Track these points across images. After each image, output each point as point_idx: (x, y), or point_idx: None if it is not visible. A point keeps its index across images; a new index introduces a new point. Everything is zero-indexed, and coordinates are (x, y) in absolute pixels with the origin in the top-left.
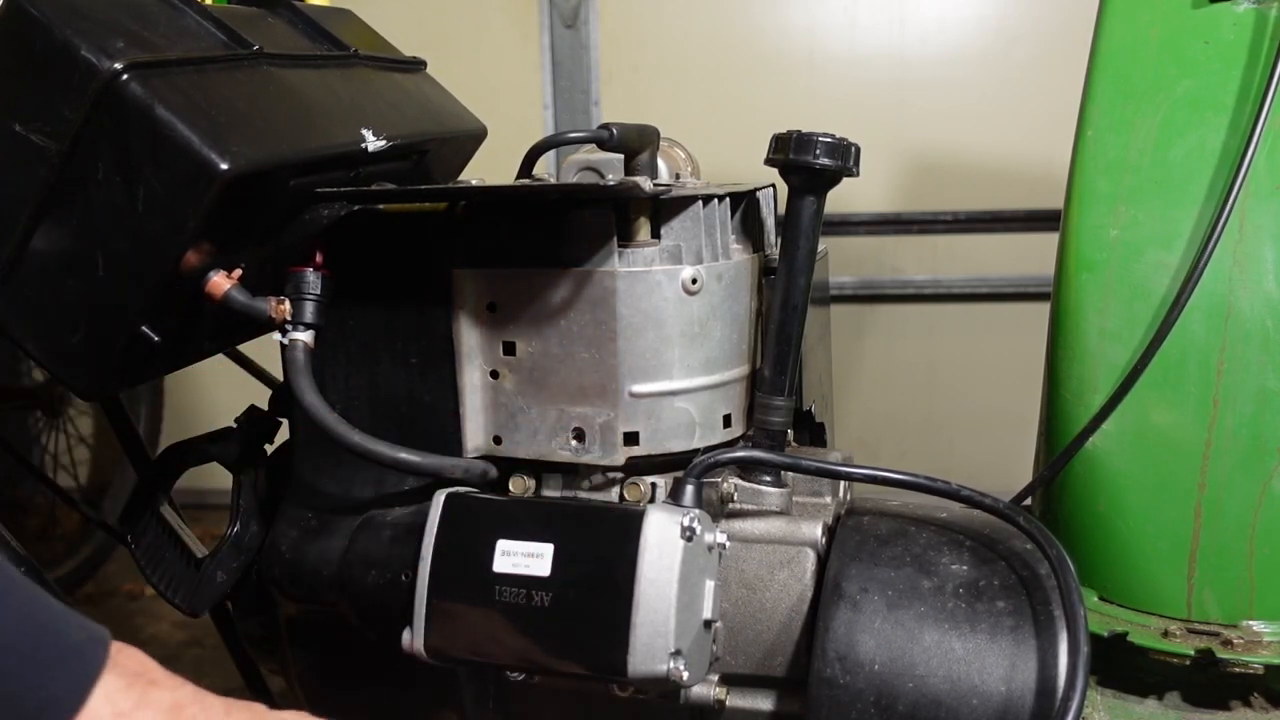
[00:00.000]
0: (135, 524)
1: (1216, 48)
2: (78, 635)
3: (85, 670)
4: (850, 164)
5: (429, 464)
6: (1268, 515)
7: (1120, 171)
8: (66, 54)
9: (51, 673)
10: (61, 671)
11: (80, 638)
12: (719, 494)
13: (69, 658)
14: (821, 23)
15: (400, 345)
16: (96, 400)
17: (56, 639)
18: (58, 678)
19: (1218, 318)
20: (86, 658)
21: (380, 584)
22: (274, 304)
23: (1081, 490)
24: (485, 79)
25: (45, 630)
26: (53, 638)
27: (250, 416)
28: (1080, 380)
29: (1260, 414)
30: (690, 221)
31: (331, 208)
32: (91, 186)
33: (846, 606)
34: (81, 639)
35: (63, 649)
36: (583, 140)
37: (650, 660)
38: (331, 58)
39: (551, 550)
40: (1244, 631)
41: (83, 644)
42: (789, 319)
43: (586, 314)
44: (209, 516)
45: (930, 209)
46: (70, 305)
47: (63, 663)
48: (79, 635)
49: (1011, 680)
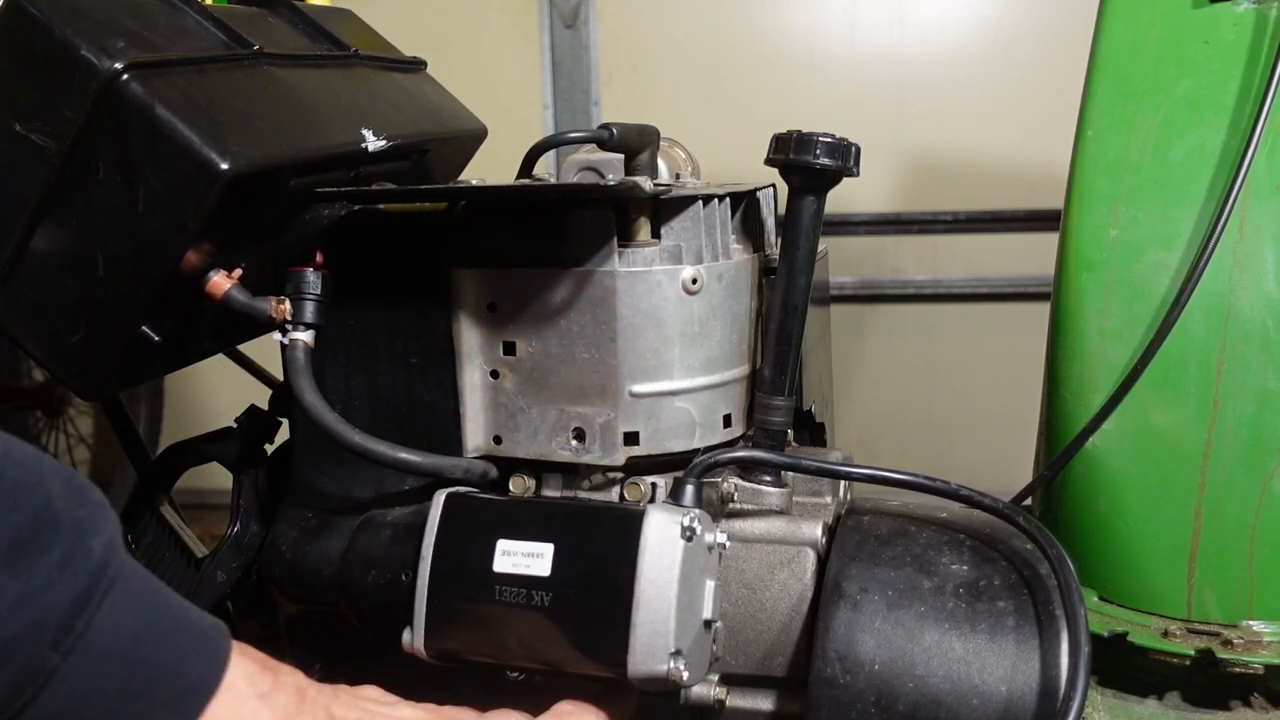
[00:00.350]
0: (135, 524)
1: (1216, 48)
2: (202, 622)
3: (218, 654)
4: (850, 164)
5: (429, 464)
6: (1268, 515)
7: (1120, 171)
8: (66, 54)
9: (187, 658)
10: (196, 656)
11: (206, 624)
12: (719, 494)
13: (201, 643)
14: (821, 23)
15: (400, 345)
16: (96, 400)
17: (188, 625)
18: (194, 662)
19: (1218, 318)
20: (217, 643)
21: (380, 584)
22: (274, 304)
23: (1081, 490)
24: (485, 79)
25: (177, 617)
26: (184, 624)
27: (250, 416)
28: (1080, 380)
29: (1260, 414)
30: (690, 221)
31: (331, 208)
32: (91, 186)
33: (846, 606)
34: (207, 625)
35: (194, 634)
36: (583, 140)
37: (650, 660)
38: (331, 58)
39: (551, 550)
40: (1244, 631)
41: (210, 629)
42: (789, 319)
43: (587, 314)
44: (209, 516)
45: (930, 209)
46: (70, 305)
47: (196, 648)
48: (203, 622)
49: (1012, 680)
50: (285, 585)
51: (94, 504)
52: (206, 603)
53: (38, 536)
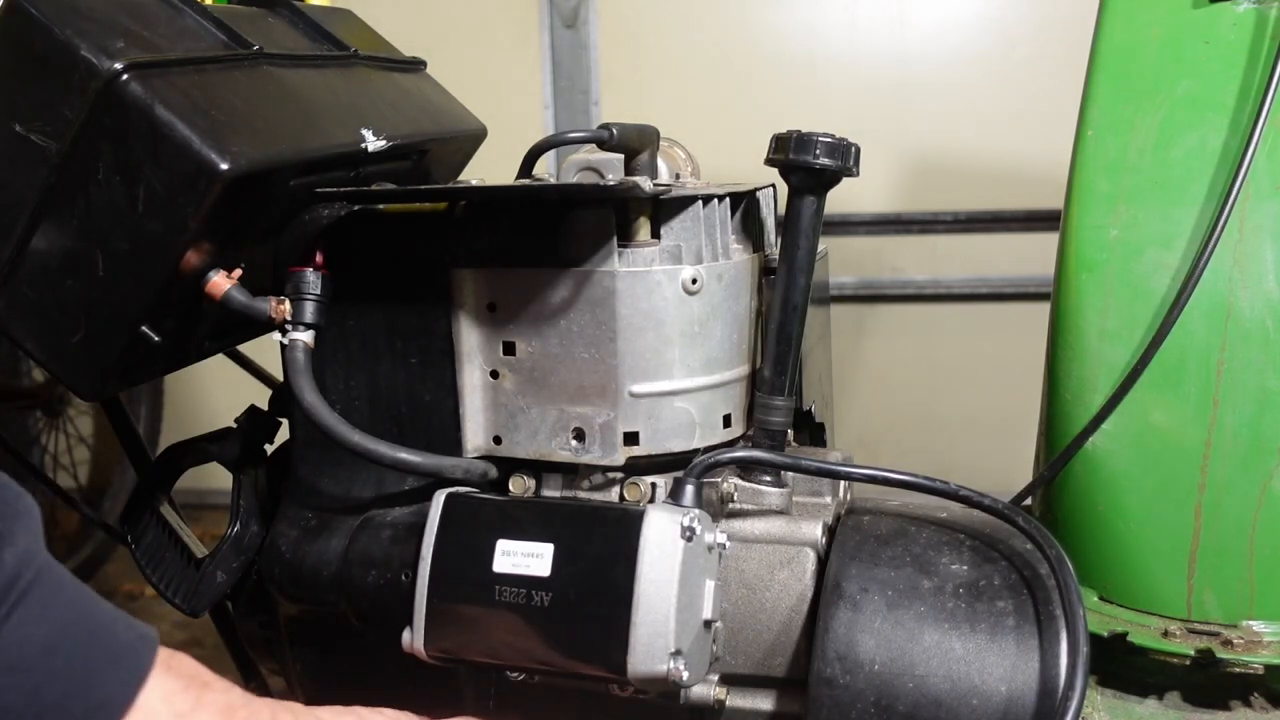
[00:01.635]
0: (135, 524)
1: (1216, 48)
2: (127, 635)
3: (135, 669)
4: (850, 164)
5: (429, 464)
6: (1268, 515)
7: (1120, 171)
8: (67, 54)
9: (101, 673)
10: (112, 671)
11: (130, 637)
12: (719, 494)
13: (120, 657)
14: (821, 23)
15: (400, 345)
16: (96, 400)
17: (107, 638)
18: (108, 677)
19: (1218, 318)
20: (137, 657)
21: (380, 584)
22: (274, 304)
23: (1081, 490)
24: (485, 79)
25: (95, 630)
26: (103, 637)
27: (250, 416)
28: (1080, 380)
29: (1260, 414)
30: (690, 221)
31: (331, 208)
32: (91, 186)
33: (846, 606)
34: (131, 638)
35: (113, 648)
36: (583, 140)
37: (650, 660)
38: (331, 58)
39: (551, 550)
40: (1244, 631)
41: (133, 643)
42: (789, 319)
43: (586, 314)
44: (209, 516)
45: (930, 209)
46: (70, 305)
47: (113, 662)
48: (128, 635)
49: (1012, 680)
50: (285, 585)
51: (15, 514)
52: (206, 603)
53: None
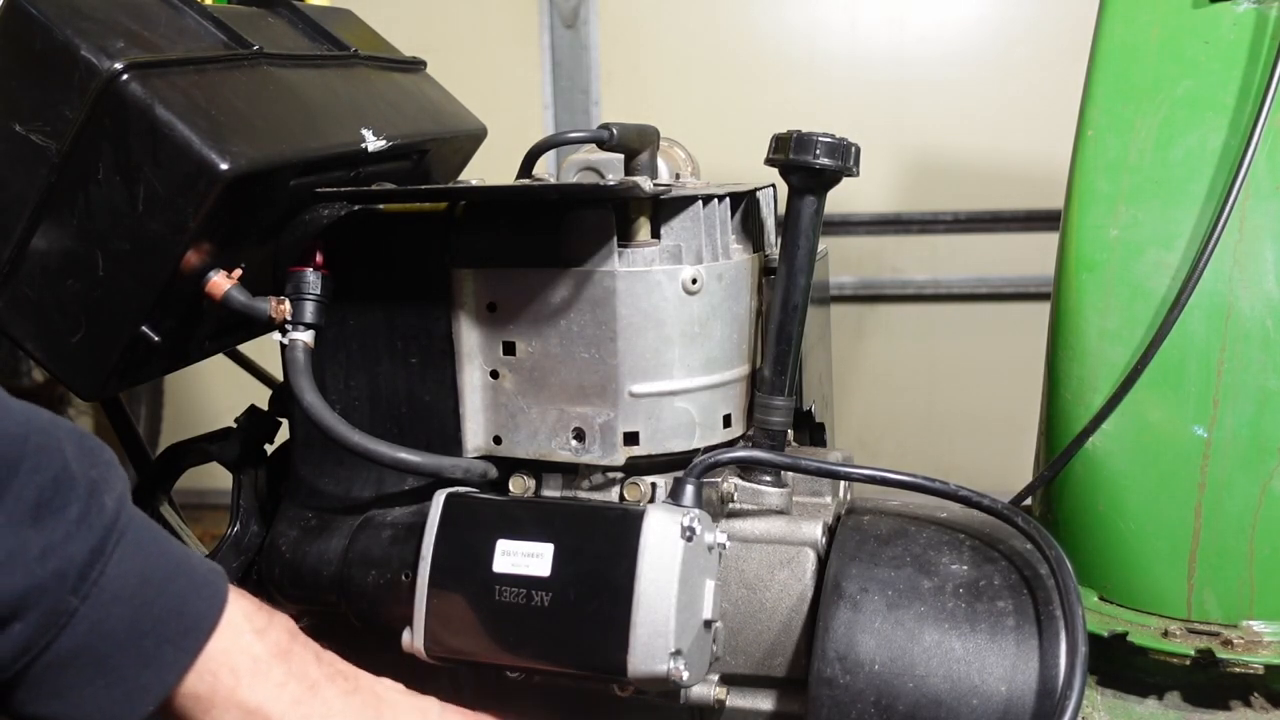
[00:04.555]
0: None
1: (1216, 48)
2: (202, 566)
3: (217, 594)
4: (850, 164)
5: (429, 464)
6: (1268, 515)
7: (1120, 171)
8: (67, 54)
9: (189, 597)
10: (196, 596)
11: (205, 568)
12: (719, 494)
13: (202, 584)
14: (822, 23)
15: (400, 345)
16: (96, 400)
17: (189, 569)
18: (196, 601)
19: (1218, 318)
20: (216, 584)
21: (380, 584)
22: (274, 304)
23: (1081, 490)
24: (485, 79)
25: (179, 561)
26: (185, 568)
27: (250, 416)
28: (1080, 380)
29: (1260, 414)
30: (690, 221)
31: (331, 208)
32: (91, 186)
33: (846, 606)
34: (206, 569)
35: (195, 578)
36: (583, 140)
37: (650, 660)
38: (331, 58)
39: (551, 550)
40: (1244, 631)
41: (208, 573)
42: (789, 319)
43: (586, 314)
44: (209, 516)
45: (930, 209)
46: (70, 305)
47: (196, 590)
48: (203, 566)
49: (1012, 680)
50: (285, 585)
51: (105, 463)
52: None
53: (58, 495)
